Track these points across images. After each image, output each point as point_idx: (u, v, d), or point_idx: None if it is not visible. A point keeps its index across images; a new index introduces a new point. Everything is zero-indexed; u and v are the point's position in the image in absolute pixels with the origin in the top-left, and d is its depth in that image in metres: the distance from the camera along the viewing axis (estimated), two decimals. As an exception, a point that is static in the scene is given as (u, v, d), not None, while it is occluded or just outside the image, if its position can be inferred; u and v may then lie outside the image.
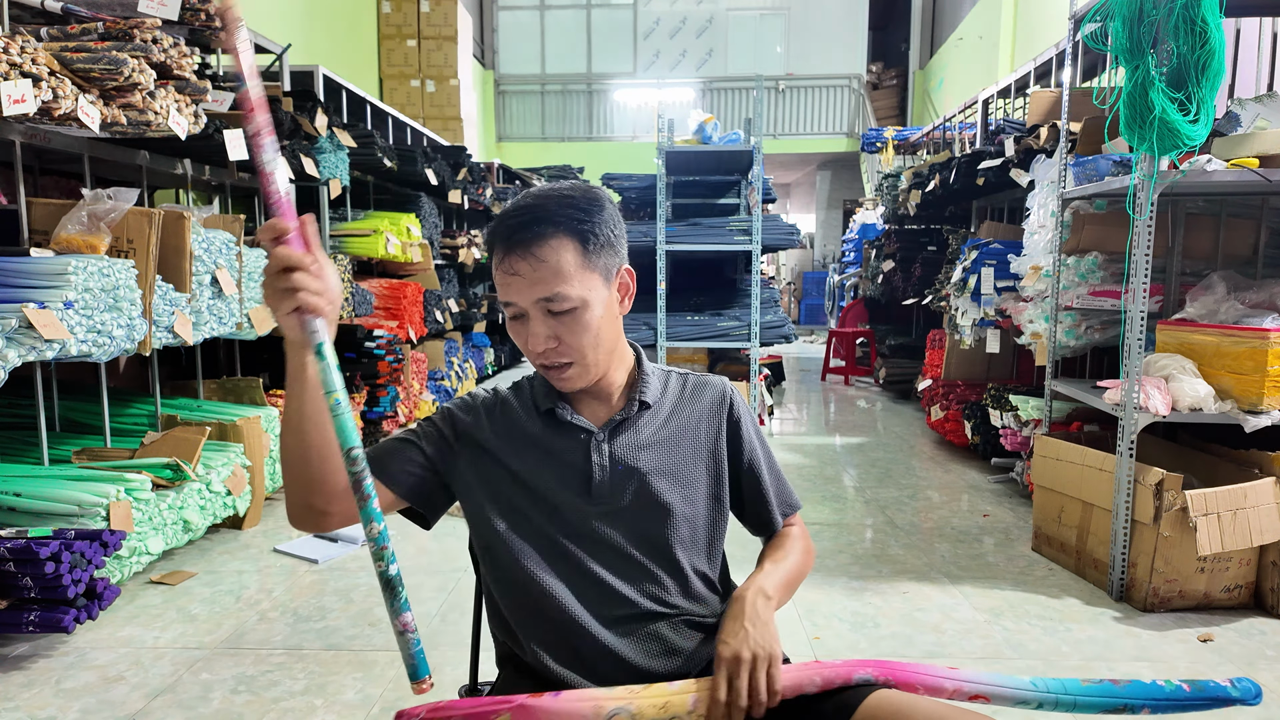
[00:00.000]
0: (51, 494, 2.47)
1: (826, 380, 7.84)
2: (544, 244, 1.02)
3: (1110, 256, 3.19)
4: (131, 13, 2.78)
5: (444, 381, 5.94)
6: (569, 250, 1.03)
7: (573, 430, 1.13)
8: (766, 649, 0.98)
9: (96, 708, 2.00)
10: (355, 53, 8.77)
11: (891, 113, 13.62)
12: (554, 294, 1.03)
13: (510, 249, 1.03)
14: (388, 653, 2.29)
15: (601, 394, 1.15)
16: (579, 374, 1.09)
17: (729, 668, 0.97)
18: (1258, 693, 0.99)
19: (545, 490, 1.10)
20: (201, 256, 2.95)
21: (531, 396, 1.17)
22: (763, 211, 5.04)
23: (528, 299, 1.04)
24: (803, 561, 1.20)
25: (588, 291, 1.05)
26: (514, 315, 1.07)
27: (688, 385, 1.21)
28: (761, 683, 0.96)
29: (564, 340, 1.05)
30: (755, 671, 0.96)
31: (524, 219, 1.03)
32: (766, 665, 0.97)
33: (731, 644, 0.99)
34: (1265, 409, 2.51)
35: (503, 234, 1.04)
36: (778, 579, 1.12)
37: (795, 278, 15.01)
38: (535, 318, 1.05)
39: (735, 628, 1.01)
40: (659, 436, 1.14)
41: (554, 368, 1.08)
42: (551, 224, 1.03)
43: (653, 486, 1.11)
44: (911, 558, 3.05)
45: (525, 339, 1.06)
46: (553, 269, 1.02)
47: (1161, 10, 2.38)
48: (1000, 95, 5.28)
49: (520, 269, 1.03)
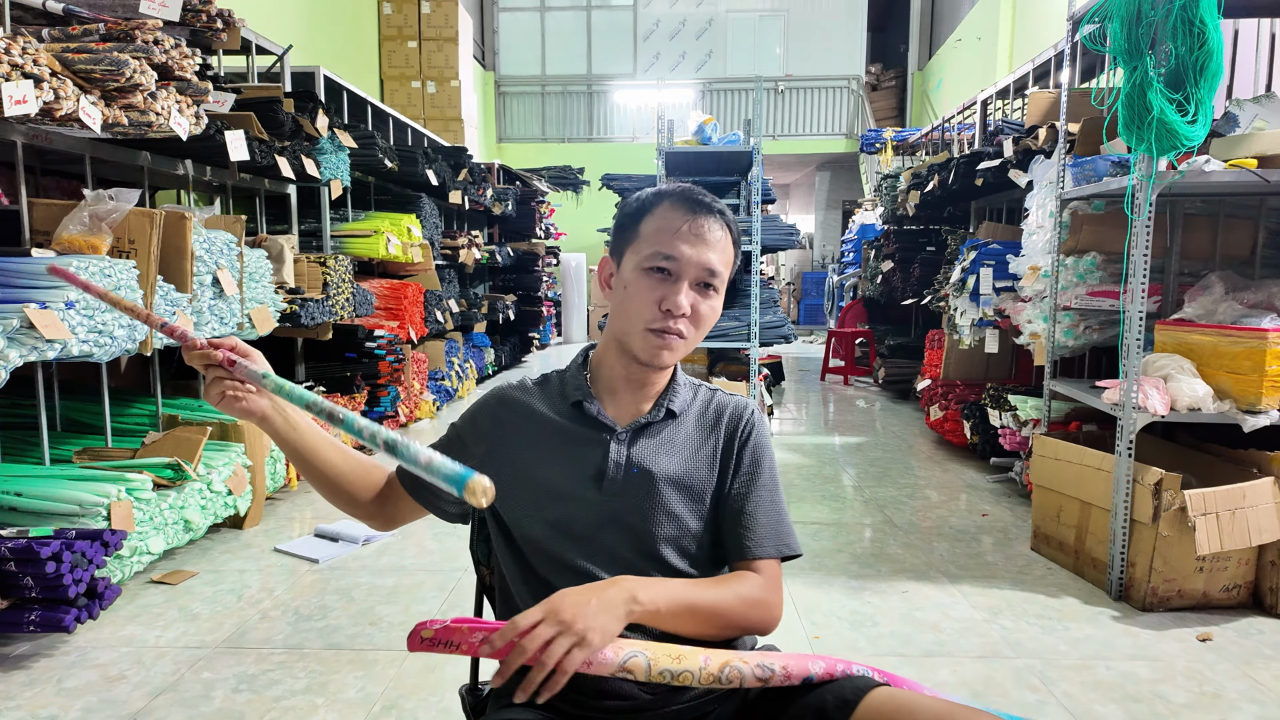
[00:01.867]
0: (53, 494, 2.48)
1: (826, 380, 7.85)
2: (726, 227, 1.12)
3: (1109, 257, 3.20)
4: (133, 14, 2.79)
5: (444, 381, 5.95)
6: (728, 242, 1.13)
7: (596, 425, 1.14)
8: (584, 628, 0.91)
9: (98, 707, 2.01)
10: (356, 54, 8.77)
11: (890, 114, 13.63)
12: (719, 271, 1.10)
13: (700, 211, 1.10)
14: (389, 652, 2.30)
15: (640, 391, 1.16)
16: (681, 351, 1.12)
17: (546, 613, 0.92)
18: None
19: (555, 482, 1.11)
20: (203, 257, 2.96)
21: (560, 388, 1.18)
22: (762, 212, 5.05)
23: (696, 260, 1.08)
24: (736, 608, 1.06)
25: (724, 285, 1.13)
26: (663, 270, 1.09)
27: (713, 401, 1.21)
28: (558, 648, 0.89)
29: (698, 314, 1.10)
30: (560, 637, 0.90)
31: (710, 200, 1.12)
32: (573, 641, 0.90)
33: (564, 600, 0.93)
34: (1263, 409, 2.51)
35: (690, 197, 1.11)
36: (676, 596, 1.02)
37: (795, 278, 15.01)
38: (687, 283, 1.09)
39: (583, 594, 0.96)
40: (678, 447, 1.15)
41: (669, 334, 1.09)
42: (722, 215, 1.12)
43: (661, 492, 1.11)
44: (910, 557, 3.06)
45: (662, 296, 1.08)
46: (723, 250, 1.11)
47: (1160, 11, 2.39)
48: (999, 96, 5.29)
49: (708, 232, 1.09)
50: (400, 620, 2.50)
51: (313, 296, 3.85)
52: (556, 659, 0.89)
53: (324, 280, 3.97)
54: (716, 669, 0.96)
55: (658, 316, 1.08)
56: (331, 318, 4.01)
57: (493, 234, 8.38)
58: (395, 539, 3.19)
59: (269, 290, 3.43)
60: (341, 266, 4.13)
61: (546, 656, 0.89)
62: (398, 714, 1.99)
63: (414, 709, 2.01)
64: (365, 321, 4.61)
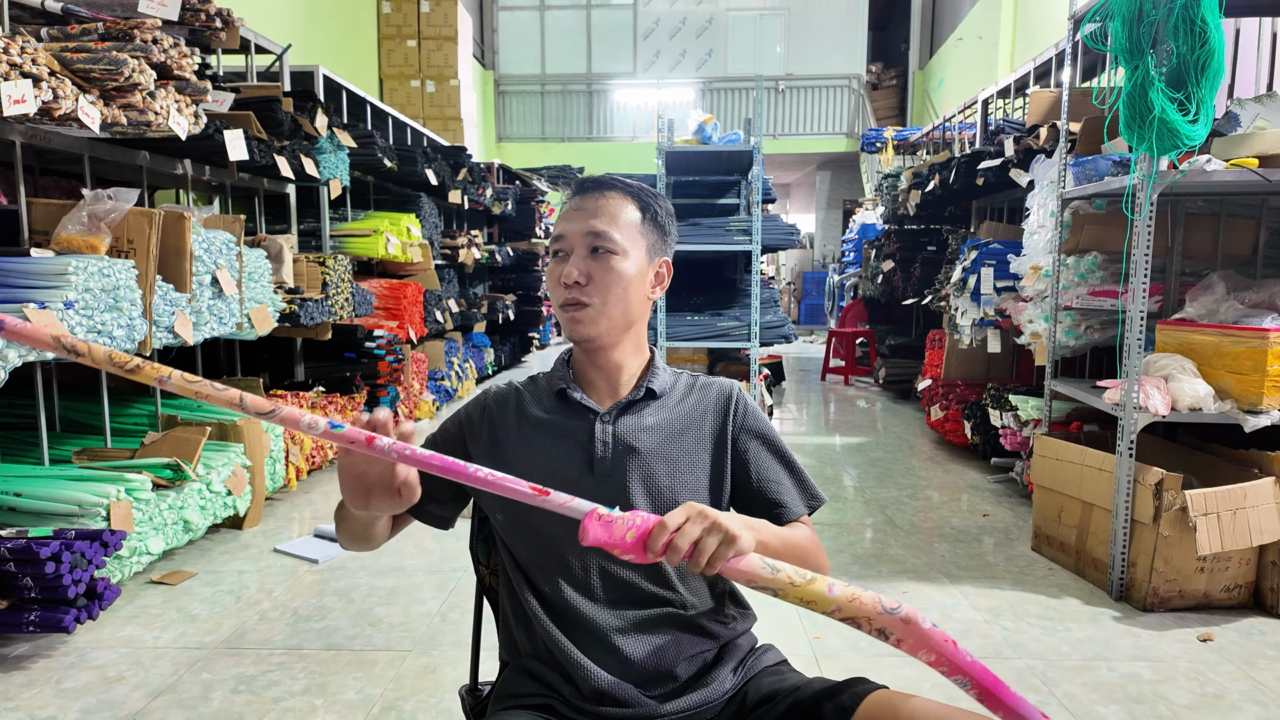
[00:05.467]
0: (52, 494, 2.47)
1: (826, 380, 7.84)
2: (610, 195, 1.16)
3: (1110, 256, 3.19)
4: (132, 13, 2.78)
5: (444, 381, 5.95)
6: (629, 209, 1.16)
7: (581, 410, 1.17)
8: (734, 530, 0.88)
9: (97, 708, 2.00)
10: (355, 53, 8.77)
11: (891, 113, 13.62)
12: (603, 232, 1.13)
13: (581, 192, 1.17)
14: (388, 653, 2.30)
15: (612, 377, 1.19)
16: (593, 318, 1.13)
17: (690, 513, 0.89)
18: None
19: (549, 468, 1.12)
20: (202, 257, 2.96)
21: (547, 382, 1.22)
22: (762, 211, 5.04)
23: (579, 230, 1.13)
24: (810, 549, 1.11)
25: (631, 246, 1.14)
26: (558, 252, 1.15)
27: (696, 383, 1.25)
28: (709, 544, 0.87)
29: (594, 279, 1.12)
30: (710, 532, 0.88)
31: (601, 179, 1.19)
32: (722, 536, 0.88)
33: (705, 506, 0.91)
34: (1264, 409, 2.51)
35: (578, 185, 1.19)
36: (773, 529, 1.08)
37: (795, 278, 15.01)
38: (577, 254, 1.13)
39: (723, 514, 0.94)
40: (662, 422, 1.17)
41: (574, 306, 1.12)
42: (622, 188, 1.17)
43: (652, 468, 1.13)
44: (911, 557, 3.06)
45: (559, 275, 1.13)
46: (610, 214, 1.14)
47: (1161, 10, 2.38)
48: (1000, 95, 5.29)
49: (584, 205, 1.15)
50: (399, 621, 2.50)
51: (312, 296, 3.84)
52: (708, 554, 0.87)
53: (323, 280, 3.97)
54: (845, 598, 0.89)
55: (561, 292, 1.13)
56: (331, 317, 4.01)
57: (492, 233, 8.37)
58: (395, 540, 3.18)
59: (268, 290, 3.43)
60: (341, 266, 4.12)
61: (698, 553, 0.87)
62: (397, 715, 1.99)
63: (413, 710, 2.01)
64: (365, 321, 4.61)
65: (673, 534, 0.87)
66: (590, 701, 1.05)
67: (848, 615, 0.89)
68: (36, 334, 0.79)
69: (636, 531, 0.87)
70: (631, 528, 0.87)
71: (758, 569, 0.88)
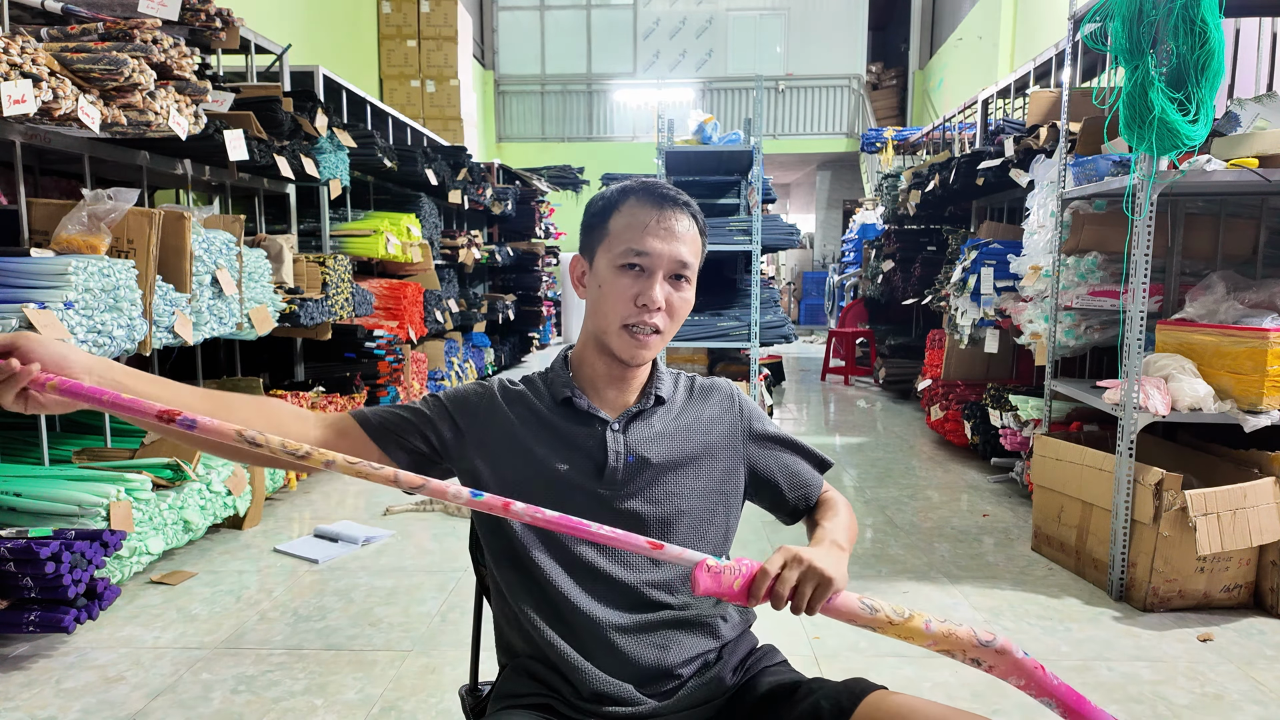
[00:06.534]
0: (52, 494, 2.47)
1: (826, 380, 7.84)
2: (693, 218, 1.14)
3: (1110, 256, 3.19)
4: (131, 13, 2.78)
5: (444, 381, 5.95)
6: (695, 232, 1.15)
7: (589, 419, 1.15)
8: (829, 572, 0.92)
9: (97, 708, 2.00)
10: (355, 53, 8.76)
11: (891, 113, 13.62)
12: (690, 263, 1.12)
13: (667, 205, 1.11)
14: (388, 653, 2.30)
15: (624, 385, 1.17)
16: (657, 346, 1.13)
17: (787, 559, 0.93)
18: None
19: (558, 475, 1.11)
20: (202, 257, 2.96)
21: (546, 388, 1.19)
22: (762, 211, 5.04)
23: (668, 254, 1.10)
24: (851, 519, 1.21)
25: (695, 275, 1.14)
26: (637, 265, 1.10)
27: (695, 386, 1.24)
28: (807, 590, 0.92)
29: (671, 309, 1.12)
30: (807, 577, 0.92)
31: (674, 193, 1.14)
32: (818, 580, 0.92)
33: (798, 548, 0.95)
34: (1264, 409, 2.51)
35: (655, 192, 1.12)
36: (840, 535, 1.12)
37: (795, 278, 15.00)
38: (660, 278, 1.10)
39: (806, 548, 0.97)
40: (670, 431, 1.16)
41: (644, 331, 1.10)
42: (692, 210, 1.15)
43: (663, 478, 1.13)
44: (911, 557, 3.06)
45: (637, 292, 1.09)
46: (693, 244, 1.13)
47: (1161, 10, 2.38)
48: (1000, 95, 5.29)
49: (676, 225, 1.11)
50: (399, 621, 2.50)
51: (312, 296, 3.84)
52: (806, 599, 0.92)
53: (323, 280, 3.97)
54: (941, 634, 0.91)
55: (634, 312, 1.10)
56: (331, 317, 4.01)
57: (492, 233, 8.37)
58: (395, 540, 3.19)
59: (268, 290, 3.42)
60: (341, 266, 4.12)
61: (798, 598, 0.92)
62: (397, 715, 1.99)
63: (413, 710, 2.01)
64: (364, 321, 4.61)
65: (773, 580, 0.91)
66: (590, 701, 1.05)
67: (944, 649, 0.92)
68: (222, 430, 0.86)
69: (742, 580, 0.92)
70: (738, 576, 0.92)
71: (856, 609, 0.92)
